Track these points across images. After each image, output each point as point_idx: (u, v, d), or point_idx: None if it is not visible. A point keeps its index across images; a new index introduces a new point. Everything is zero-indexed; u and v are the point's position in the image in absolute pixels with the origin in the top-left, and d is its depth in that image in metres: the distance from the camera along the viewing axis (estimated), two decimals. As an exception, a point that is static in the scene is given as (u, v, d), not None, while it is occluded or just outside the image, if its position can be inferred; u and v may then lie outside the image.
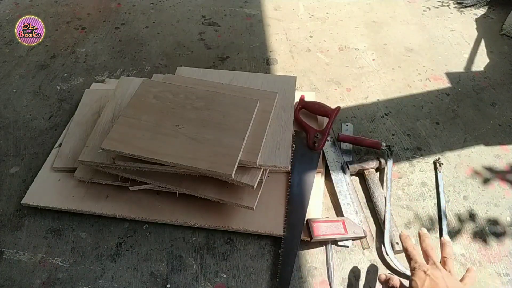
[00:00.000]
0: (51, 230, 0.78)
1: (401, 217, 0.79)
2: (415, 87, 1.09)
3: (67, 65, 1.17)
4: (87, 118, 0.92)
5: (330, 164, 0.85)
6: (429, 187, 0.85)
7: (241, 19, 1.37)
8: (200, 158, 0.69)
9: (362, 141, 0.89)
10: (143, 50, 1.23)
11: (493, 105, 1.04)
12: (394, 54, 1.21)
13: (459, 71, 1.15)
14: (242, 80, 0.95)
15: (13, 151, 0.93)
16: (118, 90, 0.93)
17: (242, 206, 0.73)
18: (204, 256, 0.74)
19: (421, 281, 0.57)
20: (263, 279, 0.71)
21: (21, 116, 1.01)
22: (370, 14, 1.39)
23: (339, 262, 0.73)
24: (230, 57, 1.20)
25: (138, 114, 0.76)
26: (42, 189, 0.81)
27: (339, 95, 1.07)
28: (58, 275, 0.71)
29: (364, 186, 0.84)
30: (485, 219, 0.79)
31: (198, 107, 0.78)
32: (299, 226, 0.74)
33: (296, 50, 1.23)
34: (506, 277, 0.71)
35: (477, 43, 1.24)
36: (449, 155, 0.91)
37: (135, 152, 0.69)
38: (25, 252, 0.74)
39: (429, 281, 0.57)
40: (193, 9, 1.42)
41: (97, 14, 1.39)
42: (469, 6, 1.41)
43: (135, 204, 0.78)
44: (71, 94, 1.07)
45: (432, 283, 0.56)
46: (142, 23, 1.35)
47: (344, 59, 1.19)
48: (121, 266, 0.72)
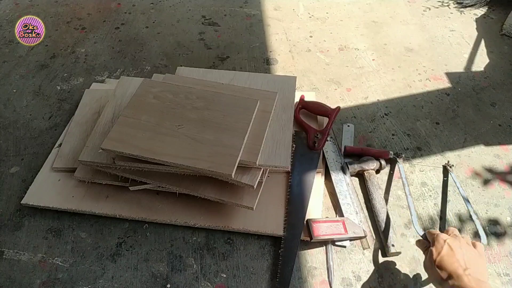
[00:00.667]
0: (51, 230, 0.78)
1: (401, 217, 0.79)
2: (415, 87, 1.09)
3: (67, 65, 1.17)
4: (87, 118, 0.92)
5: (330, 164, 0.85)
6: (429, 187, 0.85)
7: (241, 19, 1.37)
8: (200, 158, 0.69)
9: (369, 151, 0.88)
10: (143, 50, 1.23)
11: (493, 105, 1.04)
12: (394, 54, 1.21)
13: (459, 71, 1.15)
14: (242, 80, 0.95)
15: (13, 151, 0.93)
16: (118, 90, 0.93)
17: (242, 206, 0.73)
18: (204, 256, 0.74)
19: (439, 249, 0.56)
20: (263, 279, 0.71)
21: (21, 116, 1.01)
22: (370, 14, 1.39)
23: (339, 262, 0.73)
24: (230, 57, 1.20)
25: (138, 114, 0.76)
26: (42, 189, 0.81)
27: (339, 95, 1.07)
28: (58, 275, 0.71)
29: (363, 187, 0.84)
30: (485, 219, 0.79)
31: (198, 107, 0.78)
32: (299, 226, 0.74)
33: (296, 50, 1.22)
34: (506, 277, 0.71)
35: (477, 43, 1.24)
36: (449, 155, 0.91)
37: (135, 152, 0.69)
38: (25, 252, 0.74)
39: (447, 248, 0.56)
40: (193, 9, 1.42)
41: (97, 14, 1.39)
42: (469, 6, 1.41)
43: (135, 204, 0.78)
44: (71, 94, 1.07)
45: (449, 252, 0.55)
46: (142, 23, 1.35)
47: (344, 59, 1.19)
48: (121, 266, 0.72)
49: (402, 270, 0.72)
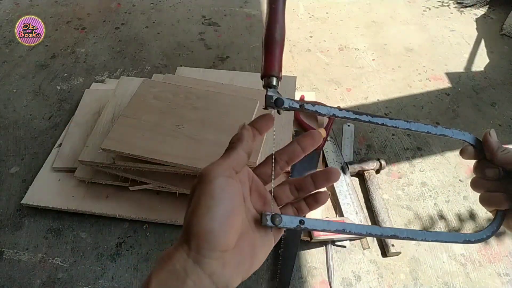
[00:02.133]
0: (51, 230, 0.78)
1: (401, 217, 0.79)
2: (415, 87, 1.09)
3: (67, 65, 1.17)
4: (87, 118, 0.92)
5: (330, 164, 0.85)
6: (429, 187, 0.85)
7: (241, 19, 1.37)
8: (200, 158, 0.69)
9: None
10: (143, 50, 1.23)
11: (493, 105, 1.04)
12: (394, 54, 1.21)
13: (459, 71, 1.15)
14: (242, 80, 0.95)
15: (13, 151, 0.93)
16: (118, 90, 0.93)
17: (242, 206, 0.73)
18: (204, 256, 0.74)
19: None
20: (263, 279, 0.71)
21: (21, 116, 1.01)
22: (370, 14, 1.39)
23: (339, 262, 0.73)
24: (230, 57, 1.20)
25: (138, 114, 0.76)
26: (42, 189, 0.81)
27: (339, 95, 1.07)
28: (58, 275, 0.71)
29: (363, 187, 0.84)
30: (485, 219, 0.79)
31: (198, 107, 0.78)
32: (299, 226, 0.74)
33: (296, 50, 1.22)
34: (506, 277, 0.71)
35: (477, 43, 1.24)
36: (449, 155, 0.91)
37: (135, 152, 0.69)
38: (25, 252, 0.74)
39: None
40: (193, 9, 1.42)
41: (97, 14, 1.39)
42: (469, 6, 1.41)
43: (135, 204, 0.78)
44: (71, 94, 1.07)
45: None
46: (142, 23, 1.35)
47: (344, 59, 1.19)
48: (121, 266, 0.72)
49: (402, 270, 0.72)
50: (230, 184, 0.33)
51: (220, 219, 0.31)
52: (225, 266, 0.32)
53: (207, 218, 0.31)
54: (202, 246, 0.31)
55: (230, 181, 0.33)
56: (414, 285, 0.70)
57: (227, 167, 0.33)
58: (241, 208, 0.34)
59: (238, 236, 0.33)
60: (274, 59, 0.40)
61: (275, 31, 0.39)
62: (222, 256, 0.31)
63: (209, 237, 0.31)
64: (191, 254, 0.31)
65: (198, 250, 0.31)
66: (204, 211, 0.31)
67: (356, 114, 0.37)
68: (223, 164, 0.33)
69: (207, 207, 0.31)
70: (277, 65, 0.40)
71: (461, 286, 0.69)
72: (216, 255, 0.31)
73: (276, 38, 0.39)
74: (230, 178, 0.33)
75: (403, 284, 0.70)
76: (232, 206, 0.32)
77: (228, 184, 0.33)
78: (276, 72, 0.40)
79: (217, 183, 0.32)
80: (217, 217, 0.31)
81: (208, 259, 0.31)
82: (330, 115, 0.38)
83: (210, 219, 0.31)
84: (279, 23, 0.39)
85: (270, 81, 0.40)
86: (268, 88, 0.40)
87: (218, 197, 0.32)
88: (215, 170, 0.33)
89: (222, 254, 0.31)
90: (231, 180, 0.33)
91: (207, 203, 0.31)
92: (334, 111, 0.38)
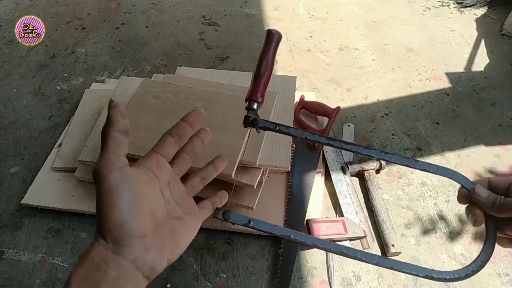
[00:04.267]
0: (51, 230, 0.78)
1: (401, 217, 0.79)
2: (415, 87, 1.09)
3: (67, 65, 1.17)
4: (87, 118, 0.92)
5: (330, 164, 0.85)
6: (429, 187, 0.85)
7: (241, 19, 1.37)
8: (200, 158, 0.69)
9: None
10: (143, 50, 1.23)
11: (493, 105, 1.04)
12: (394, 54, 1.21)
13: (459, 71, 1.15)
14: (242, 80, 0.95)
15: (13, 151, 0.93)
16: (118, 90, 0.93)
17: (242, 206, 0.73)
18: (204, 256, 0.74)
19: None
20: (263, 279, 0.71)
21: (21, 116, 1.01)
22: (370, 14, 1.39)
23: (339, 262, 0.73)
24: (230, 57, 1.20)
25: (138, 114, 0.76)
26: (42, 189, 0.81)
27: (339, 95, 1.07)
28: (58, 275, 0.71)
29: (363, 187, 0.84)
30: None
31: (198, 107, 0.78)
32: (299, 226, 0.74)
33: (296, 50, 1.22)
34: (506, 277, 0.71)
35: (477, 43, 1.24)
36: (449, 155, 0.91)
37: (135, 152, 0.69)
38: (25, 252, 0.74)
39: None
40: (193, 9, 1.42)
41: (97, 14, 1.39)
42: (469, 6, 1.41)
43: (135, 204, 0.78)
44: (71, 94, 1.07)
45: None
46: (142, 23, 1.35)
47: (344, 59, 1.19)
48: (121, 266, 0.72)
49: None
50: (126, 174, 0.34)
51: (128, 209, 0.32)
52: (147, 250, 0.33)
53: (115, 213, 0.32)
54: (120, 237, 0.32)
55: (125, 170, 0.34)
56: (414, 285, 0.70)
57: (112, 157, 0.34)
58: (149, 193, 0.36)
59: (154, 220, 0.35)
60: (258, 89, 0.49)
61: (261, 67, 0.51)
62: (143, 241, 0.33)
63: (123, 229, 0.32)
64: (109, 246, 0.32)
65: (115, 241, 0.32)
66: (110, 208, 0.32)
67: (329, 140, 0.43)
68: (107, 157, 0.34)
69: (111, 204, 0.33)
70: (260, 93, 0.49)
71: (461, 286, 0.69)
72: (135, 241, 0.32)
73: (261, 72, 0.50)
74: (123, 168, 0.34)
75: (403, 284, 0.70)
76: (134, 193, 0.33)
77: (124, 174, 0.34)
78: (257, 98, 0.48)
79: (111, 178, 0.33)
80: (124, 209, 0.32)
81: (128, 247, 0.32)
82: (302, 137, 0.45)
83: (118, 212, 0.32)
84: (266, 59, 0.52)
85: (251, 104, 0.48)
86: (248, 110, 0.48)
87: (118, 191, 0.33)
88: (103, 166, 0.34)
89: (142, 239, 0.33)
90: (125, 169, 0.34)
91: (109, 201, 0.33)
92: (307, 134, 0.45)
